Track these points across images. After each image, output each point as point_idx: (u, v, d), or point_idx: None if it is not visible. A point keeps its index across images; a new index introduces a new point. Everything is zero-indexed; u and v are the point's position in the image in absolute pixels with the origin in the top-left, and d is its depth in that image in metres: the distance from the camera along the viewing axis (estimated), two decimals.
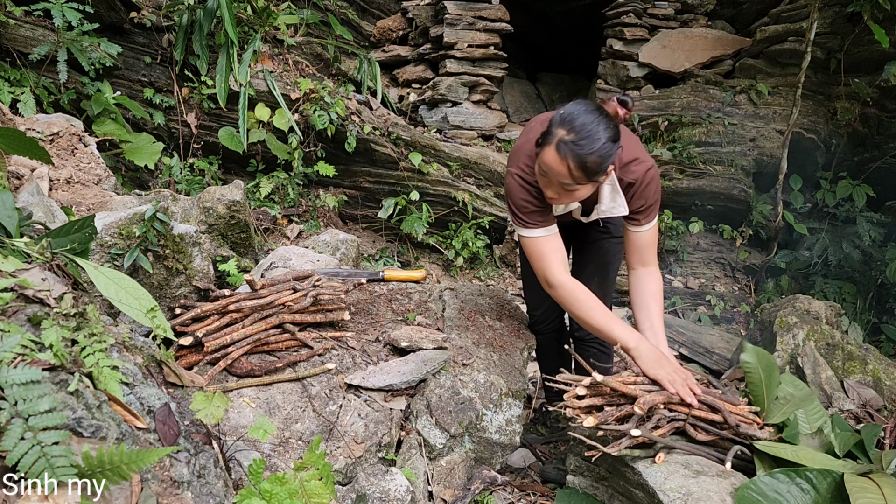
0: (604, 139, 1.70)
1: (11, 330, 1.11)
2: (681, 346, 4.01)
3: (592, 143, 1.69)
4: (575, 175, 1.73)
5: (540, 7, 6.77)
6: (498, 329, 2.52)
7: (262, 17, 4.52)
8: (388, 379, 2.08)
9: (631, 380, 1.79)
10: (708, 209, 5.03)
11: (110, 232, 2.19)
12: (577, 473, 1.99)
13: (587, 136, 1.69)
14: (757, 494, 1.54)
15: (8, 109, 2.88)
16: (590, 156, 1.70)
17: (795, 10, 5.16)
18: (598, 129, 1.70)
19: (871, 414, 2.32)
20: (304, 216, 4.48)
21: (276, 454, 1.73)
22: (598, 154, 1.70)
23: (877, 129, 5.13)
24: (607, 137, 1.71)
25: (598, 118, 1.72)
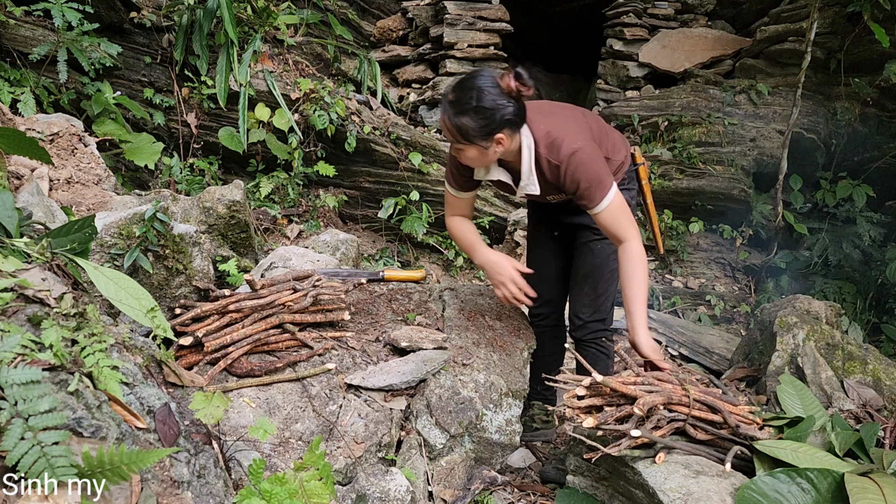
0: (474, 106, 1.83)
1: (11, 330, 1.11)
2: (681, 346, 4.00)
3: (462, 107, 1.84)
4: (452, 133, 1.90)
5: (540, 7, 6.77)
6: (498, 329, 2.52)
7: (262, 17, 4.52)
8: (388, 379, 2.08)
9: (631, 380, 1.79)
10: (708, 209, 5.03)
11: (110, 232, 2.19)
12: (577, 473, 1.99)
13: (461, 101, 1.84)
14: (757, 494, 1.54)
15: (8, 109, 2.88)
16: (456, 118, 1.85)
17: (795, 10, 5.16)
18: (473, 96, 1.83)
19: (871, 414, 2.32)
20: (304, 216, 4.48)
21: (276, 454, 1.73)
22: (465, 118, 1.84)
23: (877, 129, 5.13)
24: (483, 106, 1.83)
25: (483, 87, 1.84)
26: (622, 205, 1.98)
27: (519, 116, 1.92)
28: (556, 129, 1.98)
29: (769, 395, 2.62)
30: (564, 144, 1.95)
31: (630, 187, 2.29)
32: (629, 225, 1.99)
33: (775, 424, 1.92)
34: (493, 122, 1.85)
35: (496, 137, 1.89)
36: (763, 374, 2.79)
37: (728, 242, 5.16)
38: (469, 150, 1.93)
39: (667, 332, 4.15)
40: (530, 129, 1.98)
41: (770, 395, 2.61)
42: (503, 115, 1.85)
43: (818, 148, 5.20)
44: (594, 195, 1.94)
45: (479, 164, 2.04)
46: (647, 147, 5.20)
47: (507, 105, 1.86)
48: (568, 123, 2.04)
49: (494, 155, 1.96)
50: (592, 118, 2.21)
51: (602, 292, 2.30)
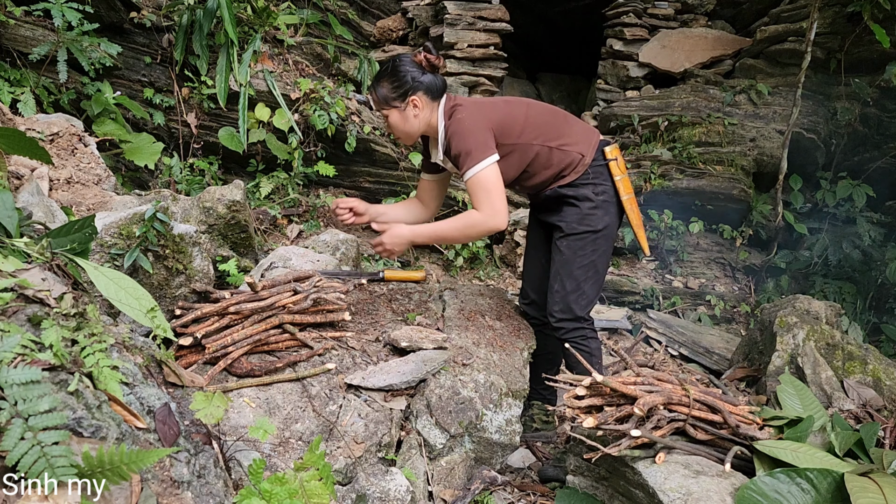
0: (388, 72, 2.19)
1: (11, 330, 1.11)
2: (681, 346, 4.00)
3: (380, 77, 2.21)
4: (376, 103, 2.23)
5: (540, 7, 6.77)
6: (498, 329, 2.52)
7: (262, 17, 4.52)
8: (388, 379, 2.08)
9: (631, 380, 1.79)
10: (708, 209, 5.02)
11: (110, 232, 2.19)
12: (577, 473, 1.99)
13: (379, 73, 2.23)
14: (757, 494, 1.54)
15: (8, 109, 2.88)
16: (376, 86, 2.21)
17: (795, 10, 5.15)
18: (389, 66, 2.20)
19: (871, 414, 2.32)
20: (304, 216, 4.48)
21: (276, 454, 1.73)
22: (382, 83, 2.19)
23: (877, 129, 5.13)
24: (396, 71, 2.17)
25: (397, 59, 2.21)
26: (488, 181, 2.09)
27: (436, 85, 2.21)
28: (462, 105, 2.21)
29: (769, 395, 2.62)
30: (455, 114, 2.18)
31: (596, 182, 2.27)
32: (485, 201, 2.10)
33: (775, 424, 1.92)
34: (405, 85, 2.16)
35: (410, 99, 2.17)
36: (763, 374, 2.79)
37: (728, 242, 5.16)
38: (391, 114, 2.22)
39: (667, 332, 4.15)
40: (446, 104, 2.23)
41: (770, 395, 2.61)
42: (414, 79, 2.16)
43: (818, 148, 5.20)
44: (462, 162, 2.12)
45: (404, 131, 2.26)
46: (647, 147, 5.19)
47: (418, 72, 2.18)
48: (476, 103, 2.24)
49: (415, 120, 2.22)
50: (541, 108, 2.32)
51: (572, 290, 2.29)
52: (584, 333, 2.33)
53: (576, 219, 2.27)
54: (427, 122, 2.24)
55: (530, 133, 2.22)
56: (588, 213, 2.26)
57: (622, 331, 4.23)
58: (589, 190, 2.26)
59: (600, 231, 2.27)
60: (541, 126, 2.24)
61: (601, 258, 2.31)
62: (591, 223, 2.26)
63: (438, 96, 2.23)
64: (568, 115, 2.38)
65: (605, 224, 2.28)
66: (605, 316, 4.26)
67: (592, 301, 2.35)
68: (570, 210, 2.28)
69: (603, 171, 2.30)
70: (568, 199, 2.28)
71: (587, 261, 2.28)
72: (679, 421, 1.76)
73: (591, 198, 2.26)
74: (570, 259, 2.28)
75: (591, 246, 2.27)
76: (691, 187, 4.95)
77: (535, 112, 2.27)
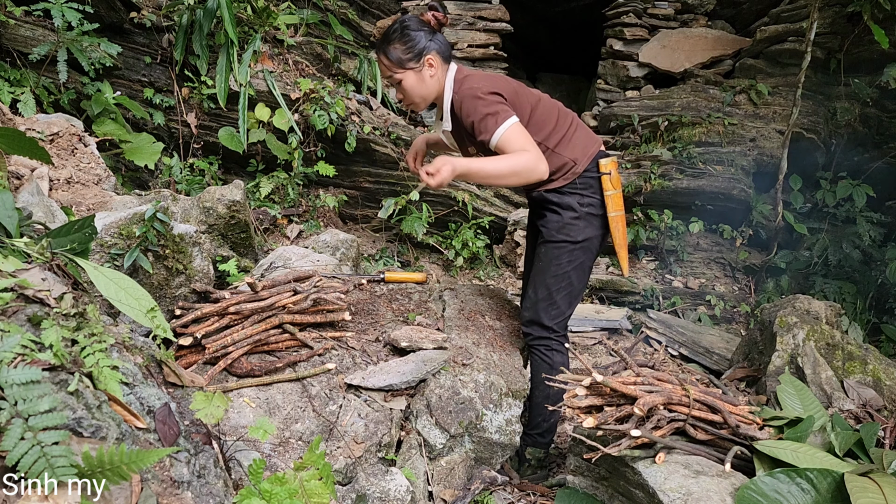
0: (399, 32, 2.11)
1: (11, 330, 1.11)
2: (681, 346, 4.00)
3: (390, 38, 2.13)
4: (388, 67, 2.14)
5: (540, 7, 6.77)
6: (498, 329, 2.52)
7: (262, 17, 4.52)
8: (388, 379, 2.08)
9: (631, 380, 1.79)
10: (708, 209, 5.03)
11: (110, 232, 2.19)
12: (577, 473, 1.99)
13: (387, 35, 2.14)
14: (757, 494, 1.54)
15: (8, 109, 2.88)
16: (387, 48, 2.12)
17: (795, 10, 5.16)
18: (397, 27, 2.13)
19: (871, 414, 2.32)
20: (304, 216, 4.48)
21: (276, 454, 1.73)
22: (394, 45, 2.11)
23: (877, 129, 5.13)
24: (407, 31, 2.11)
25: (405, 20, 2.14)
26: (518, 132, 2.04)
27: (444, 45, 2.17)
28: (473, 74, 2.16)
29: (769, 395, 2.62)
30: (466, 85, 2.11)
31: (584, 193, 2.20)
32: (524, 147, 2.02)
33: (775, 424, 1.92)
34: (419, 43, 2.11)
35: (427, 59, 2.12)
36: (763, 374, 2.79)
37: (728, 242, 5.16)
38: (406, 77, 2.14)
39: (667, 332, 4.15)
40: (456, 72, 2.18)
41: (770, 395, 2.61)
42: (428, 38, 2.12)
43: (818, 148, 5.20)
44: (485, 127, 2.03)
45: (421, 94, 2.18)
46: (647, 147, 5.20)
47: (429, 31, 2.14)
48: (489, 77, 2.17)
49: (431, 80, 2.15)
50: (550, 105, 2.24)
51: (543, 298, 2.25)
52: (548, 344, 2.29)
53: (555, 227, 2.21)
54: (441, 85, 2.17)
55: (533, 128, 2.14)
56: (568, 223, 2.20)
57: (622, 331, 4.23)
58: (574, 199, 2.19)
59: (579, 242, 2.21)
60: (545, 123, 2.18)
61: (577, 270, 2.24)
62: (570, 233, 2.20)
63: (448, 59, 2.18)
64: (574, 119, 2.29)
65: (586, 236, 2.21)
66: (605, 316, 4.26)
67: (565, 313, 2.28)
68: (552, 217, 2.23)
69: (594, 183, 2.22)
70: (552, 204, 2.22)
71: (561, 271, 2.22)
72: (679, 421, 1.76)
73: (574, 207, 2.19)
74: (545, 267, 2.25)
75: (568, 257, 2.22)
76: (691, 187, 4.95)
77: (543, 107, 2.21)
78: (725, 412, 1.79)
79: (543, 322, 2.26)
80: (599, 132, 5.60)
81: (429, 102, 2.22)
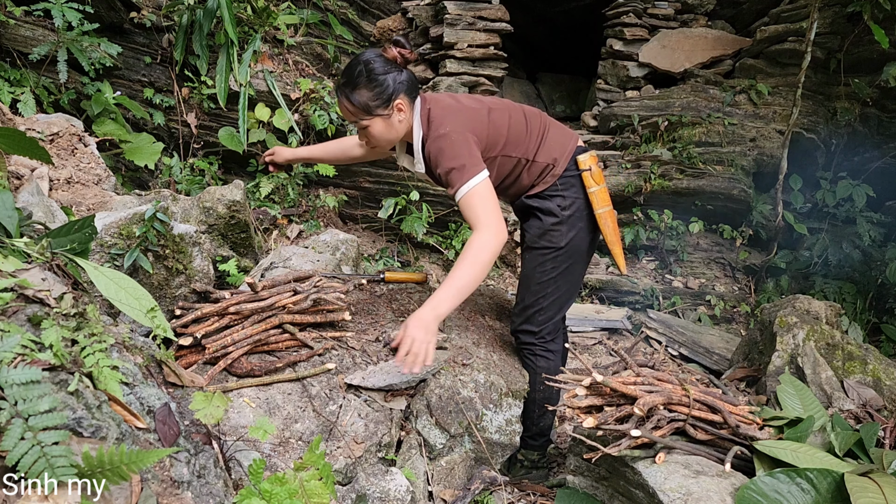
0: (365, 76, 1.93)
1: (11, 330, 1.11)
2: (681, 346, 4.00)
3: (355, 83, 1.94)
4: (354, 113, 1.98)
5: (540, 7, 6.77)
6: (498, 329, 2.52)
7: (262, 17, 4.52)
8: (388, 379, 2.08)
9: (631, 380, 1.79)
10: (708, 209, 5.03)
11: (110, 232, 2.19)
12: (577, 473, 1.99)
13: (352, 78, 1.94)
14: (757, 494, 1.54)
15: (8, 109, 2.88)
16: (353, 95, 1.94)
17: (795, 10, 5.16)
18: (363, 69, 1.93)
19: (871, 414, 2.32)
20: (304, 216, 4.48)
21: (276, 454, 1.73)
22: (361, 91, 1.94)
23: (877, 129, 5.13)
24: (374, 75, 1.93)
25: (369, 59, 1.95)
26: (482, 195, 1.92)
27: (411, 83, 2.01)
28: (441, 111, 2.01)
29: (769, 395, 2.62)
30: (434, 126, 1.99)
31: (565, 195, 2.14)
32: (483, 215, 1.92)
33: (775, 424, 1.92)
34: (388, 89, 1.95)
35: (395, 104, 1.97)
36: (763, 374, 2.79)
37: (728, 242, 5.16)
38: (374, 123, 1.99)
39: (667, 332, 4.15)
40: (421, 107, 2.04)
41: (770, 395, 2.61)
42: (395, 80, 1.95)
43: (818, 148, 5.20)
44: (453, 181, 1.94)
45: (388, 139, 2.05)
46: (647, 147, 5.19)
47: (395, 71, 1.96)
48: (457, 111, 2.02)
49: (399, 125, 2.02)
50: (521, 116, 2.14)
51: (530, 304, 2.23)
52: (533, 350, 2.29)
53: (537, 233, 2.17)
54: (409, 125, 2.05)
55: (511, 144, 2.09)
56: (550, 229, 2.15)
57: (622, 331, 4.23)
58: (555, 203, 2.14)
59: (562, 248, 2.15)
60: (521, 136, 2.11)
61: (564, 276, 2.19)
62: (552, 239, 2.15)
63: (416, 94, 2.04)
64: (545, 120, 2.21)
65: (569, 240, 2.15)
66: (605, 316, 4.26)
67: (553, 318, 2.25)
68: (534, 222, 2.19)
69: (574, 182, 2.15)
70: (533, 210, 2.18)
71: (546, 278, 2.18)
72: (679, 421, 1.76)
73: (555, 212, 2.13)
74: (530, 273, 2.21)
75: (552, 263, 2.17)
76: (691, 187, 4.95)
77: (515, 121, 2.12)
78: (725, 412, 1.79)
79: (530, 328, 2.27)
80: (599, 132, 5.59)
81: (393, 144, 2.12)
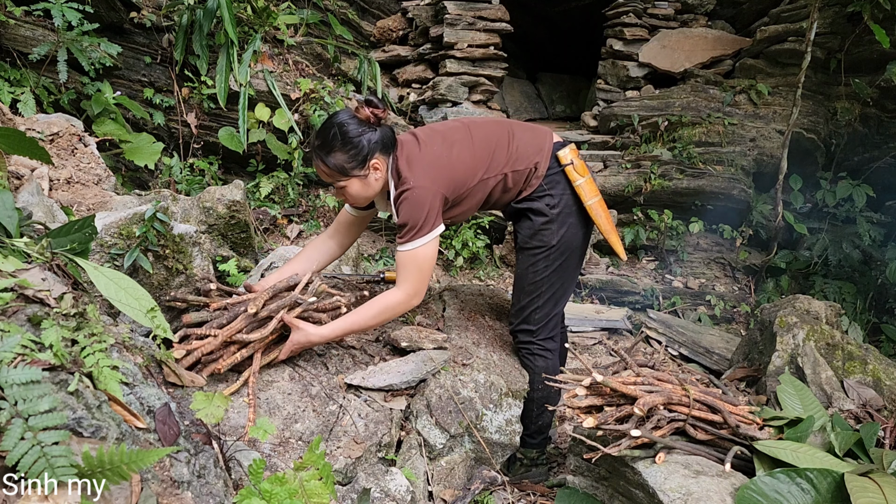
0: (340, 140, 1.93)
1: (11, 330, 1.11)
2: (681, 346, 4.00)
3: (330, 146, 1.95)
4: (330, 175, 1.98)
5: (540, 7, 6.78)
6: (498, 329, 2.52)
7: (262, 17, 4.52)
8: (388, 379, 2.08)
9: (631, 380, 1.79)
10: (708, 209, 5.03)
11: (110, 232, 2.19)
12: (577, 473, 1.99)
13: (326, 141, 1.95)
14: (757, 494, 1.54)
15: (8, 109, 2.88)
16: (329, 158, 1.95)
17: (795, 10, 5.16)
18: (336, 132, 1.94)
19: (871, 414, 2.32)
20: (304, 216, 4.48)
21: (276, 454, 1.73)
22: (336, 154, 1.94)
23: (877, 129, 5.13)
24: (349, 137, 1.93)
25: (343, 122, 1.94)
26: (424, 259, 1.97)
27: (387, 138, 2.00)
28: (406, 164, 2.00)
29: (769, 395, 2.62)
30: (402, 180, 1.99)
31: (552, 193, 2.13)
32: (411, 278, 1.98)
33: (775, 424, 1.92)
34: (363, 150, 1.95)
35: (371, 164, 1.97)
36: (763, 374, 2.79)
37: (728, 242, 5.16)
38: (351, 184, 2.00)
39: (667, 332, 4.15)
40: (392, 162, 2.03)
41: (770, 395, 2.61)
42: (370, 140, 1.95)
43: (818, 148, 5.20)
44: (404, 234, 1.97)
45: (365, 197, 2.06)
46: (647, 147, 5.20)
47: (369, 131, 1.96)
48: (423, 163, 2.00)
49: (376, 183, 2.02)
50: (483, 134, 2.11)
51: (526, 304, 2.23)
52: (531, 349, 2.29)
53: (528, 233, 2.17)
54: (385, 180, 2.04)
55: (481, 171, 2.07)
56: (541, 229, 2.14)
57: (622, 331, 4.23)
58: (543, 203, 2.13)
59: (554, 246, 2.15)
60: (490, 156, 2.08)
61: (557, 274, 2.19)
62: (543, 239, 2.15)
63: (392, 149, 2.03)
64: (513, 127, 2.18)
65: (560, 237, 2.14)
66: (605, 316, 4.26)
67: (549, 315, 2.25)
68: (525, 223, 2.19)
69: (559, 178, 2.14)
70: (524, 211, 2.18)
71: (539, 277, 2.18)
72: (679, 421, 1.76)
73: (544, 212, 2.13)
74: (523, 273, 2.22)
75: (544, 262, 2.17)
76: (691, 187, 4.95)
77: (479, 145, 2.08)
78: (725, 412, 1.79)
79: (527, 327, 2.27)
80: (599, 132, 5.60)
81: (370, 200, 2.11)
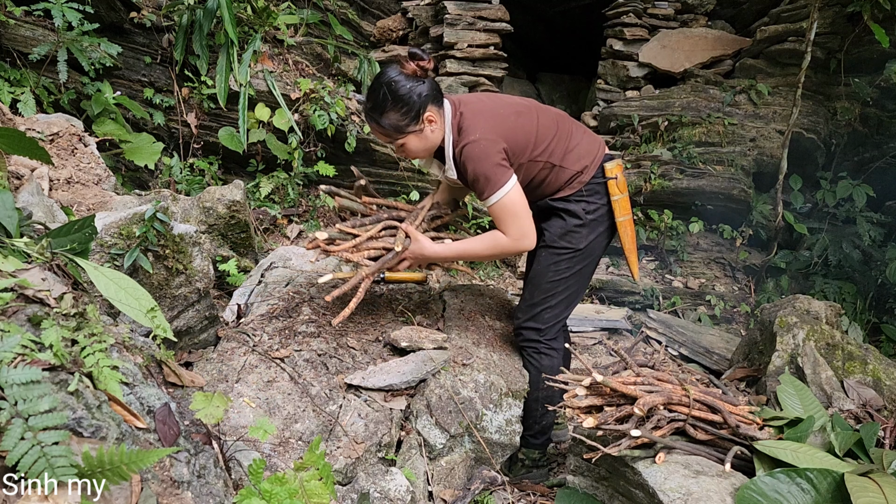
0: (391, 100, 1.96)
1: (11, 330, 1.11)
2: (681, 346, 4.00)
3: (383, 107, 1.98)
4: (388, 134, 2.03)
5: (540, 7, 6.77)
6: (498, 329, 2.52)
7: (262, 17, 4.52)
8: (388, 379, 2.08)
9: (631, 380, 1.79)
10: (708, 209, 5.02)
11: (110, 232, 2.19)
12: (577, 473, 1.99)
13: (378, 103, 1.99)
14: (757, 494, 1.54)
15: (8, 109, 2.88)
16: (383, 119, 1.99)
17: (795, 10, 5.15)
18: (386, 92, 1.97)
19: (871, 414, 2.32)
20: (304, 216, 4.48)
21: (276, 454, 1.73)
22: (390, 114, 1.98)
23: (877, 129, 5.13)
24: (399, 95, 1.96)
25: (391, 80, 1.97)
26: (514, 204, 2.01)
27: (435, 91, 2.04)
28: (471, 116, 2.05)
29: (769, 395, 2.62)
30: (464, 133, 2.02)
31: (590, 200, 2.18)
32: (512, 224, 2.03)
33: (775, 424, 1.92)
34: (414, 105, 1.98)
35: (425, 117, 2.01)
36: (763, 374, 2.79)
37: (728, 242, 5.16)
38: (409, 140, 2.04)
39: (667, 332, 4.15)
40: (452, 113, 2.07)
41: (770, 395, 2.61)
42: (420, 94, 1.99)
43: (818, 148, 5.20)
44: (483, 189, 2.01)
45: (425, 149, 2.10)
46: (647, 147, 5.19)
47: (418, 84, 1.99)
48: (487, 116, 2.05)
49: (433, 135, 2.06)
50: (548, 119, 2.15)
51: (538, 302, 2.24)
52: (537, 348, 2.29)
53: (559, 232, 2.19)
54: (443, 132, 2.08)
55: (538, 150, 2.10)
56: (572, 230, 2.17)
57: (622, 331, 4.23)
58: (580, 207, 2.17)
59: (580, 250, 2.18)
60: (548, 141, 2.12)
61: (575, 277, 2.22)
62: (572, 240, 2.18)
63: (441, 101, 2.07)
64: (575, 126, 2.24)
65: (588, 243, 2.18)
66: (605, 316, 4.26)
67: (560, 317, 2.26)
68: (556, 221, 2.21)
69: (600, 188, 2.19)
70: (557, 210, 2.20)
71: (559, 277, 2.20)
72: (679, 421, 1.76)
73: (579, 215, 2.16)
74: (543, 271, 2.22)
75: (567, 263, 2.19)
76: (691, 187, 4.95)
77: (544, 124, 2.13)
78: (725, 412, 1.79)
79: (536, 325, 2.26)
80: (599, 132, 5.59)
81: (432, 152, 2.15)
